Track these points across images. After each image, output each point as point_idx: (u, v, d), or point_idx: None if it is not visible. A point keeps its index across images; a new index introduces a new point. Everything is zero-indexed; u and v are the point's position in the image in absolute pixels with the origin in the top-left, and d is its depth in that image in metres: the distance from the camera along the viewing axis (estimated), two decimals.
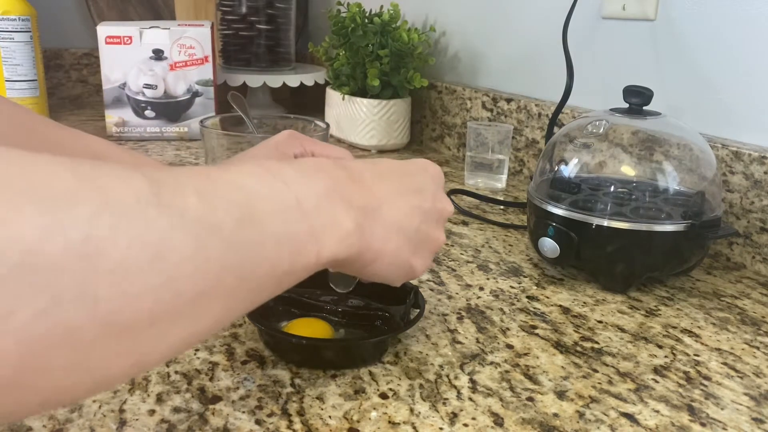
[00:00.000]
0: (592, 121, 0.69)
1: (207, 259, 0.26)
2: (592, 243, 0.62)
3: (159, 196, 0.24)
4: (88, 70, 1.58)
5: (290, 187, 0.32)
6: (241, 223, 0.28)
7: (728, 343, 0.55)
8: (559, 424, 0.43)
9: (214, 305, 0.27)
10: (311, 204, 0.33)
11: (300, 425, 0.41)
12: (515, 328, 0.55)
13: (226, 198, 0.28)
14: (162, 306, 0.24)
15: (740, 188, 0.71)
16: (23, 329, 0.20)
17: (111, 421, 0.41)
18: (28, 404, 0.21)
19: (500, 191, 0.97)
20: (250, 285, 0.29)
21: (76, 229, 0.21)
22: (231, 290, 0.27)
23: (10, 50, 1.19)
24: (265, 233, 0.29)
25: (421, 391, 0.46)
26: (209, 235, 0.26)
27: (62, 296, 0.20)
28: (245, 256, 0.28)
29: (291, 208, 0.32)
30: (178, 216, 0.25)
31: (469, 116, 1.13)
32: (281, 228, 0.31)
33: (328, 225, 0.34)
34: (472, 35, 1.16)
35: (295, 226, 0.31)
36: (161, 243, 0.23)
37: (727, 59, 0.76)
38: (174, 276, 0.24)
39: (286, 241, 0.31)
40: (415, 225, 0.41)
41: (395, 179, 0.41)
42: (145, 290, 0.23)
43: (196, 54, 1.18)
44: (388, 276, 0.41)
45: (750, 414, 0.45)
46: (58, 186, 0.21)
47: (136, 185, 0.24)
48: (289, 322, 0.51)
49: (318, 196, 0.34)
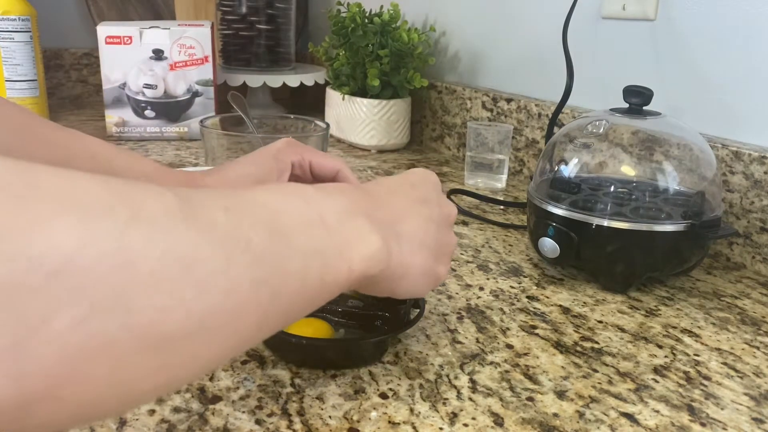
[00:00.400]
0: (592, 121, 0.69)
1: (238, 273, 0.26)
2: (592, 243, 0.62)
3: (187, 211, 0.25)
4: (88, 70, 1.58)
5: (311, 204, 0.33)
6: (268, 238, 0.28)
7: (728, 343, 0.55)
8: (559, 424, 0.43)
9: (246, 321, 0.27)
10: (334, 220, 0.33)
11: (300, 425, 0.41)
12: (515, 328, 0.55)
13: (252, 214, 0.28)
14: (194, 320, 0.24)
15: (740, 188, 0.71)
16: (60, 338, 0.20)
17: (111, 421, 0.41)
18: (61, 418, 0.21)
19: (500, 191, 0.97)
20: (282, 301, 0.29)
21: (109, 240, 0.21)
22: (263, 306, 0.27)
23: (10, 50, 1.19)
24: (293, 248, 0.30)
25: (421, 391, 0.46)
26: (238, 249, 0.26)
27: (98, 306, 0.20)
28: (275, 270, 0.28)
29: (315, 224, 0.32)
30: (207, 230, 0.25)
31: (469, 116, 1.13)
32: (308, 243, 0.31)
33: (354, 241, 0.34)
34: (472, 35, 1.16)
35: (321, 242, 0.32)
36: (192, 255, 0.24)
37: (727, 59, 0.76)
38: (205, 289, 0.24)
39: (314, 256, 0.31)
40: (432, 234, 0.42)
41: (404, 193, 0.42)
42: (177, 303, 0.23)
43: (196, 54, 1.18)
44: (417, 289, 0.42)
45: (750, 414, 0.45)
46: (91, 198, 0.21)
47: (165, 200, 0.24)
48: None
49: (339, 212, 0.34)
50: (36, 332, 0.19)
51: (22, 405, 0.19)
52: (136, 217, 0.22)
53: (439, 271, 0.43)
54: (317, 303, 0.32)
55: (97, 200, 0.22)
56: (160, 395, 0.25)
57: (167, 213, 0.24)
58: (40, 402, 0.20)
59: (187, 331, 0.23)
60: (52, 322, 0.19)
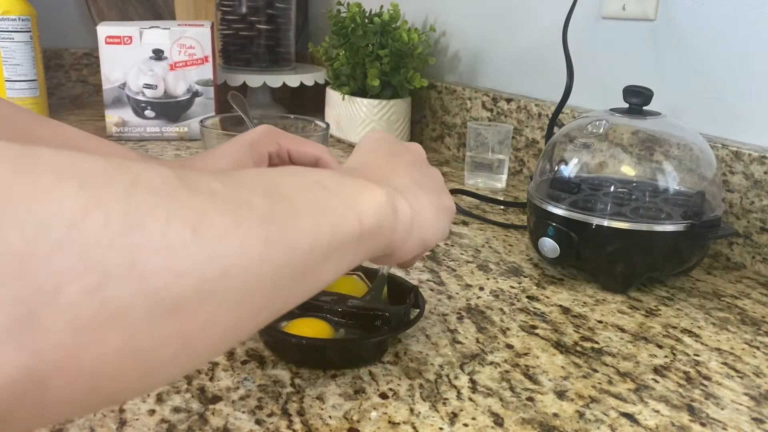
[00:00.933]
0: (592, 121, 0.69)
1: (248, 232, 0.25)
2: (592, 243, 0.62)
3: (185, 180, 0.24)
4: (88, 70, 1.58)
5: (305, 175, 0.33)
6: (270, 201, 0.28)
7: (728, 343, 0.55)
8: (559, 424, 0.43)
9: (261, 281, 0.26)
10: (332, 183, 0.33)
11: (300, 425, 0.41)
12: (515, 328, 0.55)
13: (248, 183, 0.28)
14: (209, 284, 0.23)
15: (740, 188, 0.71)
16: (74, 307, 0.19)
17: (111, 421, 0.41)
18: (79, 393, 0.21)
19: (500, 191, 0.97)
20: (296, 259, 0.28)
21: (115, 204, 0.21)
22: (277, 265, 0.27)
23: (10, 50, 1.19)
24: (297, 207, 0.29)
25: (421, 391, 0.46)
26: (243, 211, 0.26)
27: (110, 272, 0.20)
28: (285, 228, 0.27)
29: (314, 187, 0.32)
30: (208, 195, 0.25)
31: (469, 116, 1.13)
32: (312, 203, 0.31)
33: (358, 195, 0.34)
34: (472, 35, 1.16)
35: (325, 200, 0.32)
36: (199, 218, 0.23)
37: (727, 59, 0.76)
38: (218, 252, 0.23)
39: (321, 212, 0.31)
40: (419, 175, 0.43)
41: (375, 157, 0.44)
42: (191, 267, 0.22)
43: (196, 54, 1.18)
44: (441, 226, 0.43)
45: (750, 414, 0.45)
46: (92, 168, 0.21)
47: (161, 172, 0.24)
48: (289, 322, 0.51)
49: (334, 177, 0.35)
50: (49, 302, 0.19)
51: (39, 379, 0.19)
52: (137, 183, 0.22)
53: (446, 202, 0.44)
54: (335, 260, 0.31)
55: (97, 169, 0.21)
56: (181, 370, 0.24)
57: (166, 181, 0.23)
58: (57, 375, 0.19)
59: (202, 294, 0.23)
60: (65, 291, 0.19)
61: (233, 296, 0.25)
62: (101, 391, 0.21)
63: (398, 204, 0.37)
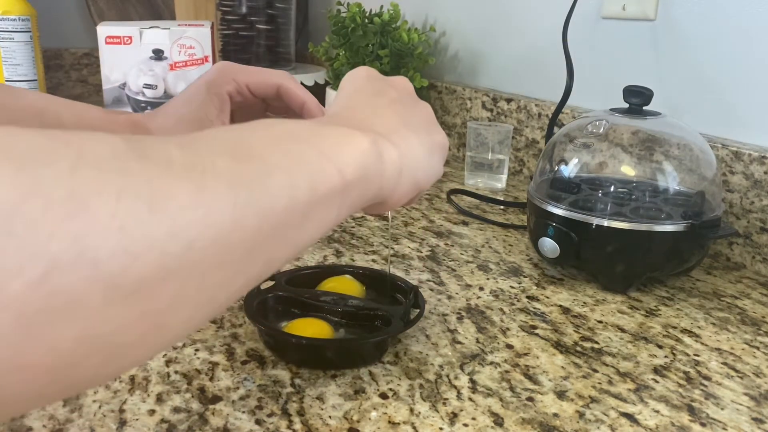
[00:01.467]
0: (592, 121, 0.69)
1: (213, 200, 0.23)
2: (592, 243, 0.62)
3: (138, 151, 0.22)
4: (88, 70, 1.58)
5: (273, 126, 0.30)
6: (236, 161, 0.25)
7: (728, 343, 0.55)
8: (559, 424, 0.43)
9: (234, 250, 0.24)
10: (306, 133, 0.31)
11: (300, 425, 0.41)
12: (515, 328, 0.55)
13: (211, 144, 0.26)
14: (171, 261, 0.21)
15: (740, 188, 0.71)
16: (19, 300, 0.18)
17: (111, 421, 0.41)
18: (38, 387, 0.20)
19: (500, 191, 0.97)
20: (272, 221, 0.26)
21: (58, 186, 0.19)
22: (249, 230, 0.25)
23: (10, 50, 1.19)
24: (268, 165, 0.27)
25: (421, 391, 0.46)
26: (206, 176, 0.23)
27: (57, 261, 0.18)
28: (254, 191, 0.25)
29: (285, 139, 0.29)
30: (164, 164, 0.22)
31: (469, 116, 1.13)
32: (284, 158, 0.28)
33: (337, 144, 0.31)
34: (472, 35, 1.16)
35: (299, 154, 0.29)
36: (155, 191, 0.21)
37: (727, 59, 0.76)
38: (180, 225, 0.21)
39: (295, 168, 0.28)
40: (404, 113, 0.41)
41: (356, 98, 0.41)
42: (149, 244, 0.20)
43: (196, 54, 1.18)
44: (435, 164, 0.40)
45: (750, 414, 0.45)
46: (29, 146, 0.19)
47: (112, 142, 0.22)
48: (289, 322, 0.51)
49: (309, 126, 0.32)
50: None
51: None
52: (81, 159, 0.20)
53: (437, 138, 0.42)
54: (317, 217, 0.29)
55: (36, 148, 0.20)
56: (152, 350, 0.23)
57: (115, 154, 0.21)
58: (6, 374, 0.18)
59: (164, 272, 0.21)
60: (8, 286, 0.17)
61: (200, 269, 0.23)
62: (61, 382, 0.20)
63: (383, 148, 0.35)
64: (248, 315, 0.50)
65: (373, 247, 0.72)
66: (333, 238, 0.75)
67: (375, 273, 0.60)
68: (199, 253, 0.22)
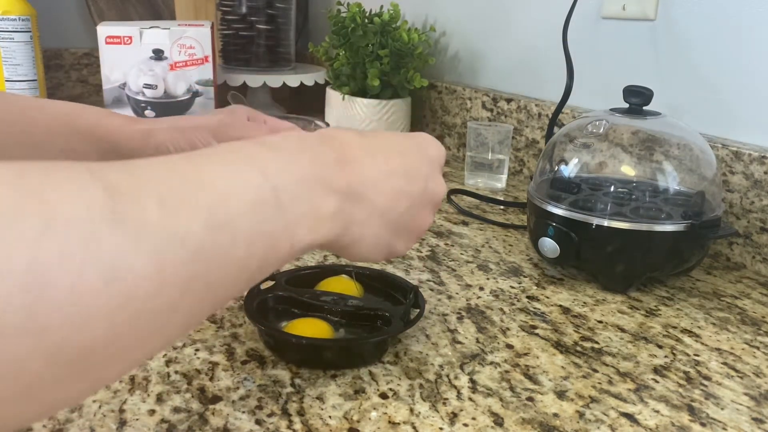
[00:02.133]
0: (592, 121, 0.69)
1: (171, 274, 0.24)
2: (592, 243, 0.62)
3: (114, 208, 0.22)
4: (88, 70, 1.58)
5: (268, 177, 0.30)
6: (209, 229, 0.26)
7: (728, 343, 0.55)
8: (559, 424, 0.43)
9: (176, 318, 0.25)
10: (289, 195, 0.31)
11: (300, 425, 0.41)
12: (515, 328, 0.55)
13: (193, 202, 0.26)
14: (118, 329, 0.22)
15: (740, 188, 0.71)
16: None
17: (111, 421, 0.41)
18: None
19: (500, 191, 0.97)
20: (218, 290, 0.27)
21: (20, 255, 0.19)
22: (196, 300, 0.26)
23: (10, 50, 1.19)
24: (237, 236, 0.27)
25: (421, 391, 0.46)
26: (173, 247, 0.24)
27: (6, 330, 0.19)
28: (214, 263, 0.26)
29: (267, 203, 0.30)
30: (135, 231, 0.23)
31: (469, 116, 1.13)
32: (255, 228, 0.29)
33: (304, 215, 0.32)
34: (472, 35, 1.16)
35: (269, 225, 0.30)
36: (117, 264, 0.21)
37: (727, 59, 0.76)
38: (132, 296, 0.22)
39: (258, 240, 0.29)
40: (401, 209, 0.39)
41: (387, 159, 0.39)
42: (98, 316, 0.21)
43: (196, 54, 1.18)
44: (367, 257, 0.40)
45: (750, 414, 0.45)
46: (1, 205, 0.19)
47: (88, 196, 0.22)
48: (289, 322, 0.51)
49: (297, 182, 0.32)
50: None
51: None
52: (52, 223, 0.20)
53: (396, 246, 0.41)
54: (256, 281, 0.31)
55: (4, 206, 0.19)
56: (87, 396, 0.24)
57: (89, 215, 0.21)
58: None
59: (109, 341, 0.22)
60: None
61: (144, 335, 0.24)
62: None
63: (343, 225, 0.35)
64: (248, 315, 0.50)
65: None
66: None
67: (374, 273, 0.60)
68: (145, 322, 0.23)
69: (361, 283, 0.57)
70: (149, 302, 0.23)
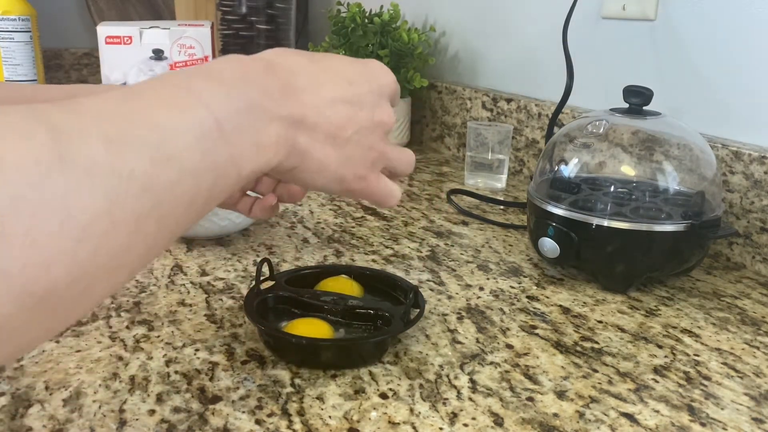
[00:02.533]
0: (592, 121, 0.69)
1: (122, 210, 0.25)
2: (592, 243, 0.62)
3: (61, 149, 0.23)
4: (88, 70, 1.58)
5: (211, 110, 0.31)
6: (155, 165, 0.27)
7: (728, 343, 0.55)
8: (559, 424, 0.43)
9: (134, 252, 0.26)
10: (232, 125, 0.32)
11: (300, 425, 0.41)
12: (515, 328, 0.55)
13: (138, 139, 0.27)
14: (79, 268, 0.23)
15: (740, 188, 0.71)
16: None
17: (111, 421, 0.41)
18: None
19: (500, 191, 0.97)
20: (170, 223, 0.28)
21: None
22: (150, 234, 0.27)
23: (10, 50, 1.19)
24: (184, 170, 0.28)
25: (421, 391, 0.46)
26: (121, 184, 0.25)
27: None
28: (163, 198, 0.27)
29: (211, 135, 0.31)
30: (84, 171, 0.24)
31: (469, 116, 1.13)
32: (200, 162, 0.30)
33: (248, 144, 0.33)
34: (472, 35, 1.16)
35: (214, 156, 0.31)
36: (69, 204, 0.23)
37: (727, 59, 0.76)
38: (88, 235, 0.23)
39: (205, 172, 0.30)
40: (346, 135, 0.40)
41: (334, 87, 0.39)
42: (58, 256, 0.22)
43: (196, 54, 1.18)
44: (317, 184, 0.40)
45: (750, 414, 0.45)
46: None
47: (35, 142, 0.23)
48: (289, 322, 0.51)
49: (240, 112, 0.33)
50: None
51: None
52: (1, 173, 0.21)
53: (345, 174, 0.41)
54: (207, 211, 0.32)
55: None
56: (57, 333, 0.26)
57: (37, 161, 0.22)
58: None
59: (70, 279, 0.23)
60: None
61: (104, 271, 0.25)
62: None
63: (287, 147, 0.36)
64: (248, 315, 0.50)
65: (373, 247, 0.72)
66: (333, 238, 0.75)
67: (374, 273, 0.60)
68: (104, 259, 0.25)
69: (361, 283, 0.57)
70: (105, 239, 0.24)
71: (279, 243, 0.72)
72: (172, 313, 0.55)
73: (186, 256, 0.68)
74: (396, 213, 0.85)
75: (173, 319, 0.54)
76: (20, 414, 0.41)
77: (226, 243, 0.72)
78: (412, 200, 0.91)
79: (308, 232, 0.76)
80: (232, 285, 0.61)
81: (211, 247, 0.70)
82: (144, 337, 0.51)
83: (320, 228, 0.78)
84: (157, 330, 0.52)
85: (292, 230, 0.77)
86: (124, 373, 0.46)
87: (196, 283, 0.61)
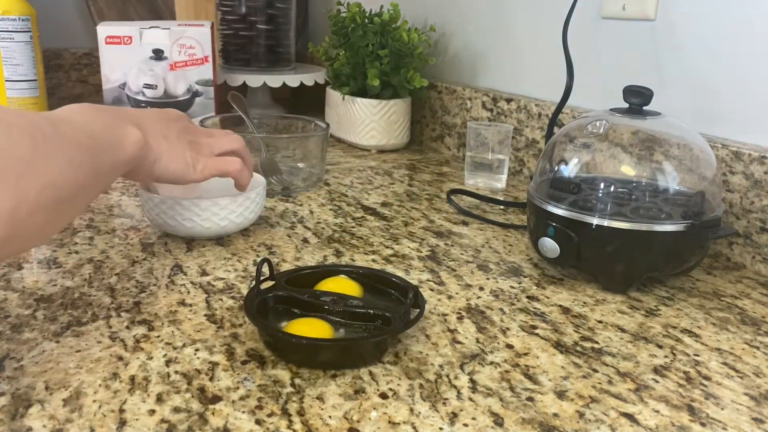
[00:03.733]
0: (592, 121, 0.69)
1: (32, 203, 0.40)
2: (592, 243, 0.62)
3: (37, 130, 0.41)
4: (88, 70, 1.58)
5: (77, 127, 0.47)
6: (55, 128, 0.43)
7: (728, 343, 0.55)
8: (559, 424, 0.43)
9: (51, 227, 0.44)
10: (100, 125, 0.50)
11: (300, 425, 0.41)
12: (515, 328, 0.55)
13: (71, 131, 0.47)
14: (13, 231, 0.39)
15: (740, 188, 0.71)
16: None
17: (111, 421, 0.41)
18: None
19: (500, 191, 0.97)
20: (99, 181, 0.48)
21: None
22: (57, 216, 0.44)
23: (10, 50, 1.19)
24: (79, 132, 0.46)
25: (421, 391, 0.46)
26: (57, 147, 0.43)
27: None
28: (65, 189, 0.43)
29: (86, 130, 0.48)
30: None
31: (469, 116, 1.13)
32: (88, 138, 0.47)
33: (124, 135, 0.53)
34: (472, 35, 1.16)
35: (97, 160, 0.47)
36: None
37: (727, 59, 0.76)
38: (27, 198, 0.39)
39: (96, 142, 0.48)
40: (174, 133, 0.62)
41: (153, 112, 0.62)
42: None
43: (196, 54, 1.18)
44: (172, 168, 0.60)
45: (750, 414, 0.45)
46: None
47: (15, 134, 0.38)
48: (289, 322, 0.51)
49: (104, 121, 0.51)
50: None
51: None
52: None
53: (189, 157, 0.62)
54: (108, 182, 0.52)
55: None
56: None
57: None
58: None
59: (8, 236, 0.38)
60: None
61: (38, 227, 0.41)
62: None
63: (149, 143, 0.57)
64: (248, 315, 0.50)
65: (373, 247, 0.72)
66: (333, 238, 0.75)
67: (374, 273, 0.60)
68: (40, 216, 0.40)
69: (361, 283, 0.57)
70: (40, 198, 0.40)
71: (279, 243, 0.72)
72: (172, 313, 0.55)
73: (186, 256, 0.68)
74: (396, 213, 0.85)
75: (173, 319, 0.54)
76: (20, 414, 0.41)
77: (226, 243, 0.72)
78: (412, 200, 0.91)
79: (308, 232, 0.76)
80: (232, 285, 0.61)
81: (211, 247, 0.70)
82: (144, 337, 0.51)
83: (320, 228, 0.78)
84: (157, 330, 0.52)
85: (292, 230, 0.77)
86: (124, 373, 0.46)
87: (196, 283, 0.61)
